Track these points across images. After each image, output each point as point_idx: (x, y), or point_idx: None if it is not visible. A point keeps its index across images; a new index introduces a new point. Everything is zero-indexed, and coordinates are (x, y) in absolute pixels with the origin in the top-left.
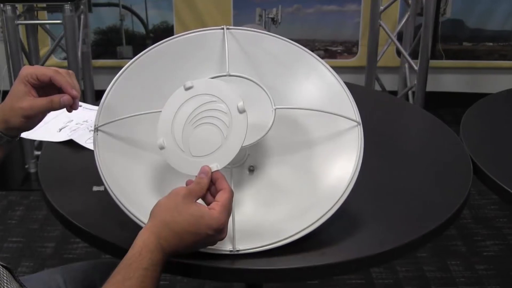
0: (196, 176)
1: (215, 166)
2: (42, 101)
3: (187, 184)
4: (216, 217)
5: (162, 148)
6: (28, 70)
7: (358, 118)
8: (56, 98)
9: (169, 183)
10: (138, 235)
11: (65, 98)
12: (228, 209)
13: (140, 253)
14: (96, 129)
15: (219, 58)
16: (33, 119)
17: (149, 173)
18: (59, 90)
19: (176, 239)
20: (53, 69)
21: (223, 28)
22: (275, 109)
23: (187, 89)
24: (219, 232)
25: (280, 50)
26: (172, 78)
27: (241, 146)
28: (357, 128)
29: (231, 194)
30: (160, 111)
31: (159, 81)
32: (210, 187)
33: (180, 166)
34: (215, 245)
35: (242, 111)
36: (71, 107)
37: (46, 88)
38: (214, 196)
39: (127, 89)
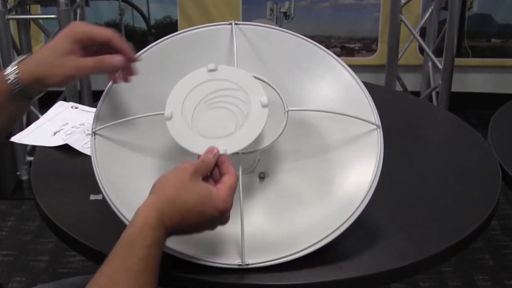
0: (200, 155)
1: (222, 150)
2: (91, 61)
3: None
4: (223, 198)
5: (168, 119)
6: (81, 28)
7: (378, 121)
8: (106, 58)
9: None
10: (138, 211)
11: (118, 58)
12: (234, 193)
13: (142, 230)
14: (93, 133)
15: (227, 55)
16: (72, 81)
17: (152, 181)
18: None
19: (179, 218)
20: (111, 30)
21: (231, 24)
22: (287, 111)
23: (209, 70)
24: (224, 215)
25: (292, 48)
26: (176, 77)
27: (256, 137)
28: (377, 132)
29: (237, 179)
30: (159, 113)
31: (162, 81)
32: (213, 169)
33: (184, 141)
34: (222, 259)
35: (264, 106)
36: (128, 75)
37: (89, 53)
38: (215, 180)
39: (127, 89)
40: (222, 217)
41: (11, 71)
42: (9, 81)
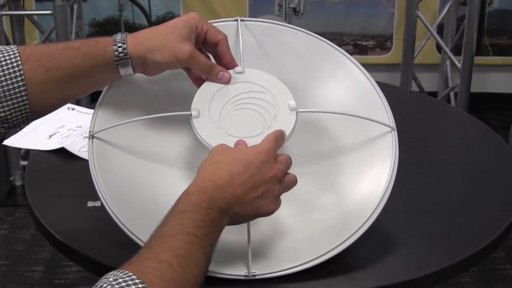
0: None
1: None
2: (203, 60)
3: None
4: (262, 144)
5: (196, 117)
6: (201, 21)
7: (393, 123)
8: (217, 69)
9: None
10: None
11: (227, 76)
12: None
13: (177, 200)
14: (91, 136)
15: (232, 53)
16: (175, 66)
17: (153, 187)
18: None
19: (226, 174)
20: (223, 33)
21: (237, 20)
22: (296, 113)
23: (236, 73)
24: (270, 156)
25: (302, 45)
26: (178, 77)
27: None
28: (391, 135)
29: None
30: (166, 114)
31: (164, 80)
32: None
33: (212, 139)
34: (228, 270)
35: (292, 109)
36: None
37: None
38: None
39: (127, 90)
40: (270, 161)
41: (120, 38)
42: (115, 47)
